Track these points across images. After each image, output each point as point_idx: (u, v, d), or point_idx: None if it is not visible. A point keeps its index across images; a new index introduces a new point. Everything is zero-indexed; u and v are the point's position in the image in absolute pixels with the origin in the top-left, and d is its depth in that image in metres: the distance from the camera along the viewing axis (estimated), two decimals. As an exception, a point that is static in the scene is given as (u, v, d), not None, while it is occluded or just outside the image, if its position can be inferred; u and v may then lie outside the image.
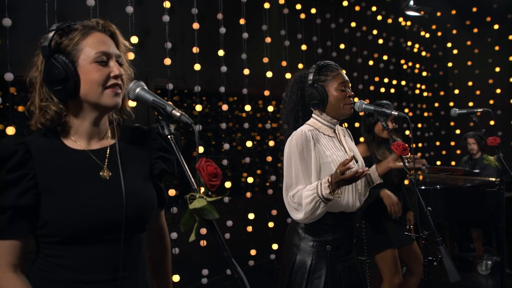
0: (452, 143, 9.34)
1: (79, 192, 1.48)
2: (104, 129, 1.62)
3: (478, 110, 3.93)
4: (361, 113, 3.02)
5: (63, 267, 1.47)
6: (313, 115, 2.70)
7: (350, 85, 2.68)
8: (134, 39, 4.38)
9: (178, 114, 1.37)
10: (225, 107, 5.14)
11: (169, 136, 1.38)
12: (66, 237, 1.45)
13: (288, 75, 5.86)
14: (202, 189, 1.24)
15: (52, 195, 1.45)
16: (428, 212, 2.47)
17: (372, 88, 7.60)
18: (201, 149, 4.86)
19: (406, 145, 2.46)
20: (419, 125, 8.90)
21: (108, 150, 1.60)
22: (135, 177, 1.60)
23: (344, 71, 2.71)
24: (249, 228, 5.37)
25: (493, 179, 5.07)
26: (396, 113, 2.66)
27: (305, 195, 2.42)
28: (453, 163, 9.03)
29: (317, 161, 2.53)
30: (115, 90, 1.52)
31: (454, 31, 9.46)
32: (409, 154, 2.51)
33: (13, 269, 1.45)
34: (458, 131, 8.96)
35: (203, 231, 4.33)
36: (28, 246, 1.50)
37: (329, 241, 2.56)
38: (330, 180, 2.37)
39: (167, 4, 4.64)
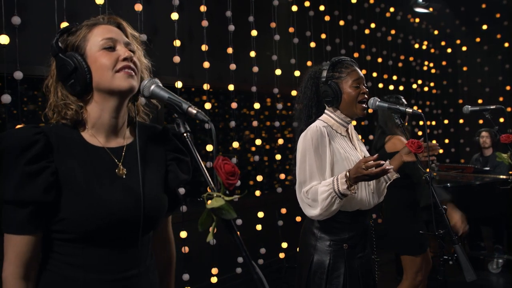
0: (462, 141, 9.29)
1: (99, 189, 1.46)
2: (122, 123, 1.59)
3: (491, 107, 3.88)
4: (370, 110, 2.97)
5: (76, 266, 1.45)
6: (326, 111, 2.66)
7: (365, 82, 2.64)
8: (143, 37, 4.36)
9: (195, 111, 1.34)
10: (234, 105, 5.12)
11: (185, 134, 1.35)
12: (81, 234, 1.42)
13: (297, 73, 5.84)
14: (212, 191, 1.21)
15: (72, 190, 1.42)
16: (444, 211, 2.44)
17: (381, 85, 7.57)
18: (209, 147, 4.84)
19: (421, 142, 2.43)
20: (428, 123, 8.85)
21: (124, 149, 1.58)
22: (150, 177, 1.59)
23: (358, 69, 2.68)
24: (258, 227, 5.36)
25: (505, 176, 5.03)
26: (411, 111, 2.62)
27: (321, 190, 2.39)
28: (462, 160, 8.99)
29: (331, 158, 2.50)
30: (128, 72, 1.49)
31: (463, 28, 9.40)
32: (424, 151, 2.47)
33: (24, 273, 1.42)
34: (467, 129, 8.91)
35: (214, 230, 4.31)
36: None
37: (345, 239, 2.53)
38: (348, 175, 2.33)
39: (175, 2, 4.62)
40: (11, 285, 1.41)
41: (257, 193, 5.47)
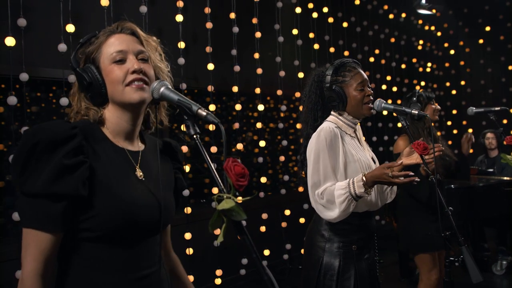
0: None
1: (127, 188, 1.50)
2: (138, 129, 1.65)
3: (495, 108, 3.88)
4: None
5: (101, 268, 1.46)
6: (332, 113, 2.67)
7: (369, 83, 2.64)
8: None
9: (204, 113, 1.34)
10: (238, 107, 5.13)
11: (195, 136, 1.36)
12: (109, 231, 1.44)
13: (300, 75, 5.85)
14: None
15: (104, 187, 1.44)
16: (450, 212, 2.44)
17: (384, 87, 7.56)
18: (213, 149, 4.84)
19: (427, 144, 2.43)
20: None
21: (140, 154, 1.64)
22: (164, 182, 1.66)
23: (362, 71, 2.68)
24: (262, 228, 5.36)
25: (509, 178, 5.02)
26: (416, 112, 2.62)
27: (338, 194, 2.39)
28: (465, 162, 8.96)
29: (344, 159, 2.51)
30: (138, 85, 1.53)
31: (466, 29, 9.40)
32: (430, 153, 2.47)
33: (44, 272, 1.41)
34: (470, 130, 8.88)
35: (217, 231, 4.32)
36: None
37: (354, 240, 2.54)
38: (364, 179, 2.35)
39: (180, 4, 4.64)
40: (33, 282, 1.39)
41: (261, 194, 5.47)
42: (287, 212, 5.60)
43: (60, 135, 1.39)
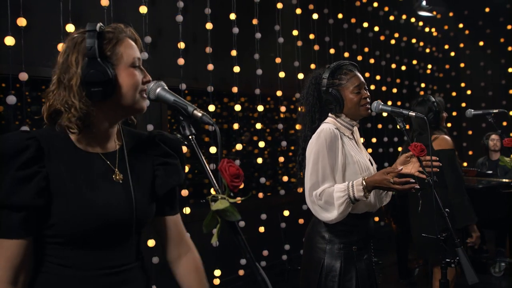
0: (464, 144, 9.29)
1: (90, 194, 1.47)
2: (115, 131, 1.62)
3: (494, 111, 3.89)
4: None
5: (68, 266, 1.46)
6: (330, 115, 2.67)
7: (365, 85, 2.65)
8: (148, 39, 4.38)
9: (200, 114, 1.35)
10: (237, 107, 5.14)
11: (190, 137, 1.37)
12: (71, 238, 1.44)
13: (300, 76, 5.86)
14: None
15: (62, 195, 1.43)
16: (446, 214, 2.45)
17: (384, 88, 7.57)
18: (213, 150, 4.85)
19: (424, 146, 2.43)
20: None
21: (117, 153, 1.60)
22: (141, 182, 1.62)
23: (359, 73, 2.69)
24: (261, 229, 5.36)
25: (508, 180, 5.03)
26: (414, 114, 2.62)
27: (337, 196, 2.40)
28: (465, 164, 8.97)
29: (343, 160, 2.51)
30: (144, 95, 1.55)
31: (467, 31, 9.41)
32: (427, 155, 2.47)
33: (13, 278, 1.40)
34: (470, 132, 8.91)
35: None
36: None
37: (354, 241, 2.55)
38: (365, 183, 2.36)
39: (180, 4, 4.64)
40: None
41: (260, 195, 5.48)
42: (286, 213, 5.61)
43: (14, 147, 1.39)
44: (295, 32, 5.99)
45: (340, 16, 6.89)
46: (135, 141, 1.68)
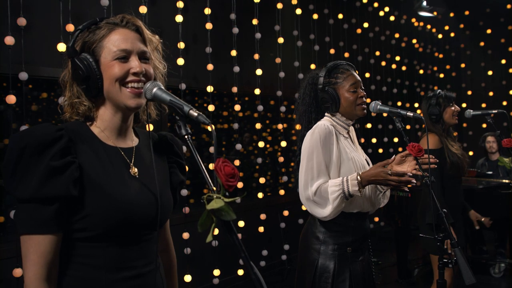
0: (465, 145, 9.26)
1: (119, 186, 1.49)
2: (130, 126, 1.63)
3: (493, 111, 3.88)
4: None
5: (97, 266, 1.45)
6: (326, 115, 2.68)
7: (362, 84, 2.66)
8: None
9: (196, 114, 1.35)
10: (237, 107, 5.14)
11: (186, 136, 1.37)
12: (104, 231, 1.43)
13: (300, 76, 5.86)
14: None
15: (95, 186, 1.43)
16: (444, 214, 2.45)
17: (384, 88, 7.57)
18: (212, 149, 4.85)
19: (422, 146, 2.43)
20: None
21: (134, 150, 1.62)
22: (160, 178, 1.65)
23: (356, 72, 2.70)
24: (261, 229, 5.37)
25: (507, 181, 5.03)
26: (411, 114, 2.62)
27: (331, 190, 2.41)
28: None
29: (338, 157, 2.51)
30: (135, 91, 1.51)
31: (467, 32, 9.40)
32: (425, 155, 2.47)
33: (47, 275, 1.39)
34: (470, 133, 8.90)
35: (215, 231, 4.33)
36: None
37: (349, 243, 2.55)
38: (359, 178, 2.36)
39: (180, 4, 4.65)
40: (36, 287, 1.37)
41: (260, 195, 5.49)
42: (286, 213, 5.61)
43: (46, 138, 1.38)
44: (295, 32, 5.99)
45: (340, 16, 6.89)
46: (149, 140, 1.70)
